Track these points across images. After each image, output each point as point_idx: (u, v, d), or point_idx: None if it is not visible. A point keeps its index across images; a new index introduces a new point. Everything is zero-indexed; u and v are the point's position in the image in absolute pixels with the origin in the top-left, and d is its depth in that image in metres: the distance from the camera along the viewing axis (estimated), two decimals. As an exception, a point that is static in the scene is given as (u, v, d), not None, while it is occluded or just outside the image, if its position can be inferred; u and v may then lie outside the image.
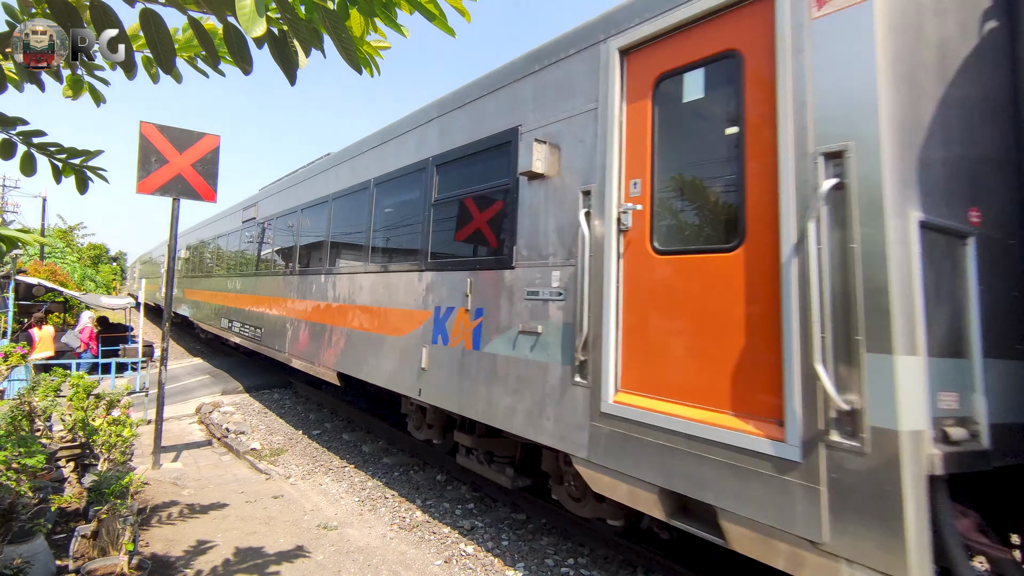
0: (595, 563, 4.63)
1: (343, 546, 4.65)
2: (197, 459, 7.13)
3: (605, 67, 3.75)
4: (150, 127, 6.53)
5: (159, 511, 5.17)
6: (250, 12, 1.33)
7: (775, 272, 2.72)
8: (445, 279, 5.19)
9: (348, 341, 6.78)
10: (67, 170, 2.41)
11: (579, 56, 4.00)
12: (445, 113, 5.55)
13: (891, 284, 2.29)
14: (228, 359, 15.12)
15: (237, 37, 1.37)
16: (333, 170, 7.98)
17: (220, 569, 4.07)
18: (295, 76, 1.48)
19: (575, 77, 4.02)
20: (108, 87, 2.26)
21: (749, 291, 2.86)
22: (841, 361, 2.42)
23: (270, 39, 1.42)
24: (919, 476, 2.24)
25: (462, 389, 4.80)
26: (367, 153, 7.05)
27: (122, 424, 5.46)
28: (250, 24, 1.33)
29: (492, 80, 4.94)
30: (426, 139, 5.78)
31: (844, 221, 2.46)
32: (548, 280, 4.03)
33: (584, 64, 3.94)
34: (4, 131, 2.21)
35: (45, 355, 11.64)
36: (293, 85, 1.55)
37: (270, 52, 1.44)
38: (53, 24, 1.64)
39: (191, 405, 10.43)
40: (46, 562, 3.68)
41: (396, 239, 6.33)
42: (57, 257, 34.59)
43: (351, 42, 1.45)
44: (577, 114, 3.97)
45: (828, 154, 2.53)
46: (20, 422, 5.21)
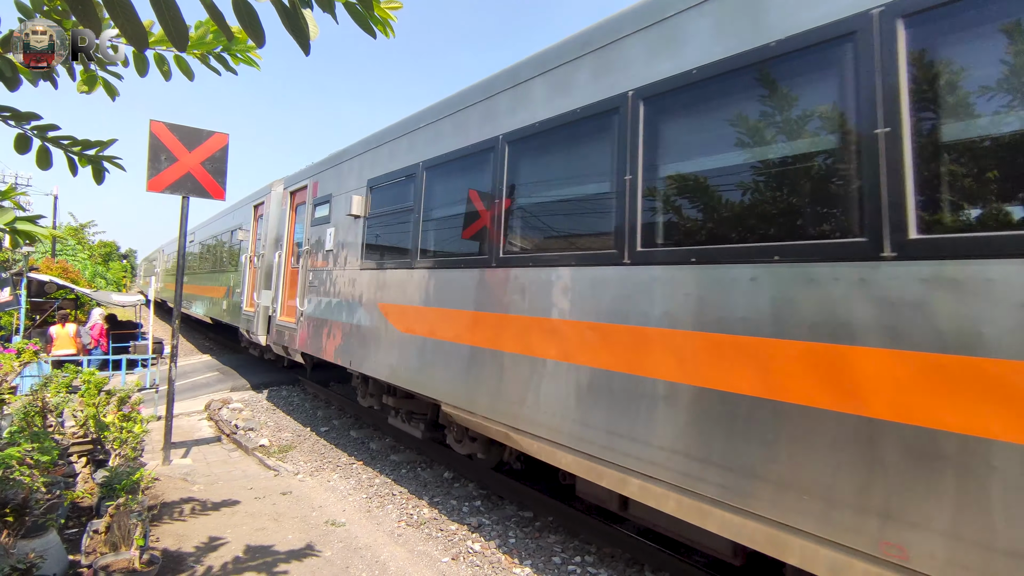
0: (602, 560, 4.62)
1: (351, 543, 4.66)
2: (207, 455, 7.17)
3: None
4: (160, 125, 6.57)
5: (170, 507, 5.21)
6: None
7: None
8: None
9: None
10: (83, 161, 2.43)
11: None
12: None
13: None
14: (237, 356, 15.21)
15: (247, 8, 1.35)
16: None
17: (230, 565, 4.10)
18: (308, 46, 1.47)
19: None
20: (121, 81, 2.27)
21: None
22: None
23: (280, 9, 1.41)
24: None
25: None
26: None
27: (133, 420, 5.51)
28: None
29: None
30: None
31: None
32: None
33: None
34: (19, 126, 2.22)
35: (66, 352, 11.79)
36: (307, 55, 1.53)
37: (282, 23, 1.43)
38: (53, 24, 1.65)
39: (200, 401, 10.50)
40: (59, 557, 3.72)
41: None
42: (69, 254, 34.94)
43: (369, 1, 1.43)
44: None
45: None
46: (33, 418, 5.27)
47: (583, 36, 4.06)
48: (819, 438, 2.51)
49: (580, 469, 3.64)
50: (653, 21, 3.50)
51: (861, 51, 2.51)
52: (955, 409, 2.15)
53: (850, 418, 2.42)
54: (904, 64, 2.38)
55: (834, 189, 2.61)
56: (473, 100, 5.11)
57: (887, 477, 2.30)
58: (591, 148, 3.92)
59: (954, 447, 2.14)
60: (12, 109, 2.22)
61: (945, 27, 2.33)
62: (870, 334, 2.38)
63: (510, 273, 4.38)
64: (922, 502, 2.21)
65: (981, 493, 2.08)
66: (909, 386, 2.27)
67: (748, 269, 2.84)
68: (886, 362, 2.33)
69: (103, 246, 48.05)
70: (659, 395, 3.20)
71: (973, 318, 2.12)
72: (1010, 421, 2.02)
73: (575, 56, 4.07)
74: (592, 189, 3.90)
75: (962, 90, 2.29)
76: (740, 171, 3.02)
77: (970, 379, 2.12)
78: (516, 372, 4.21)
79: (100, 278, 36.05)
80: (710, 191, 3.16)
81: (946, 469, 2.16)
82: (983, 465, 2.08)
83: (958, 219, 2.26)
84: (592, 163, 3.91)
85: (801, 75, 2.78)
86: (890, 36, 2.42)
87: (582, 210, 4.00)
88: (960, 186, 2.27)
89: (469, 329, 4.74)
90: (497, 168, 4.64)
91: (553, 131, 4.18)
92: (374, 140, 6.91)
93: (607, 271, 3.59)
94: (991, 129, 2.23)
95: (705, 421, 2.96)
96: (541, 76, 4.36)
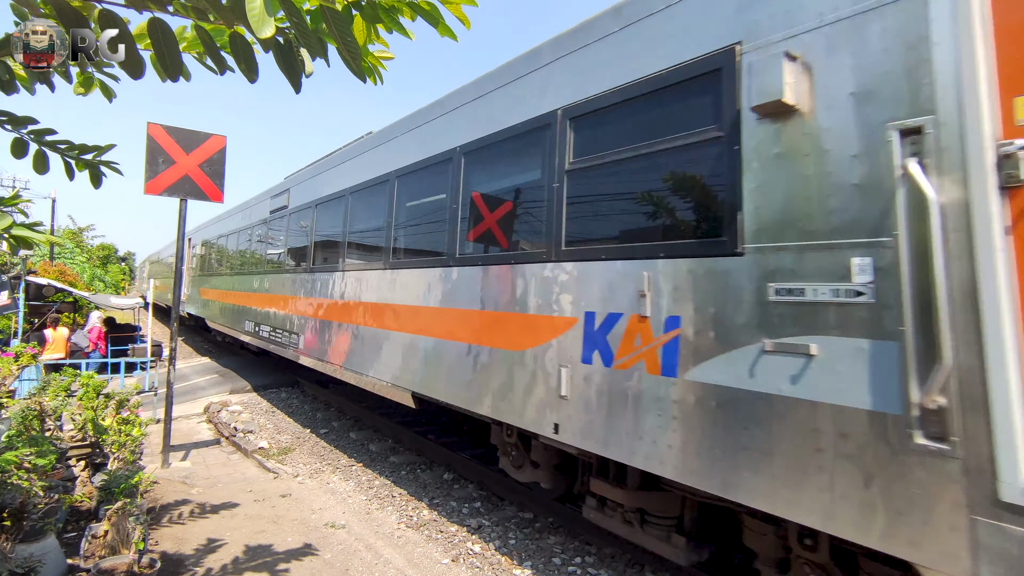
0: (602, 561, 4.62)
1: (351, 544, 4.66)
2: (206, 458, 7.16)
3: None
4: (157, 128, 6.56)
5: (169, 510, 5.20)
6: (259, 13, 1.33)
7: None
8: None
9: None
10: (80, 165, 2.43)
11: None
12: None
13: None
14: (236, 359, 15.19)
15: (243, 44, 1.37)
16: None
17: (229, 567, 4.09)
18: (300, 84, 1.48)
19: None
20: (118, 83, 2.27)
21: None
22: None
23: (275, 47, 1.43)
24: None
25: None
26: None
27: (131, 423, 5.50)
28: (259, 25, 1.33)
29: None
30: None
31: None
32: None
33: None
34: (16, 130, 2.22)
35: (55, 356, 11.73)
36: (298, 93, 1.54)
37: (275, 60, 1.44)
38: (53, 24, 1.64)
39: (199, 404, 10.48)
40: (57, 561, 3.71)
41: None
42: (67, 258, 34.88)
43: (358, 49, 1.45)
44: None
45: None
46: (31, 422, 5.26)
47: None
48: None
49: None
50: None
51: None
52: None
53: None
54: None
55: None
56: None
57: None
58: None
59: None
60: (9, 113, 2.22)
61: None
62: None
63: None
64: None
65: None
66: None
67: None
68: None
69: (102, 249, 48.02)
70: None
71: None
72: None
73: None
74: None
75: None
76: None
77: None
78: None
79: (99, 281, 36.00)
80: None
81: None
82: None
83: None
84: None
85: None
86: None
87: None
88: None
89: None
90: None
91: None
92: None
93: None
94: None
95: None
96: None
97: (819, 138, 2.67)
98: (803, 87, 2.73)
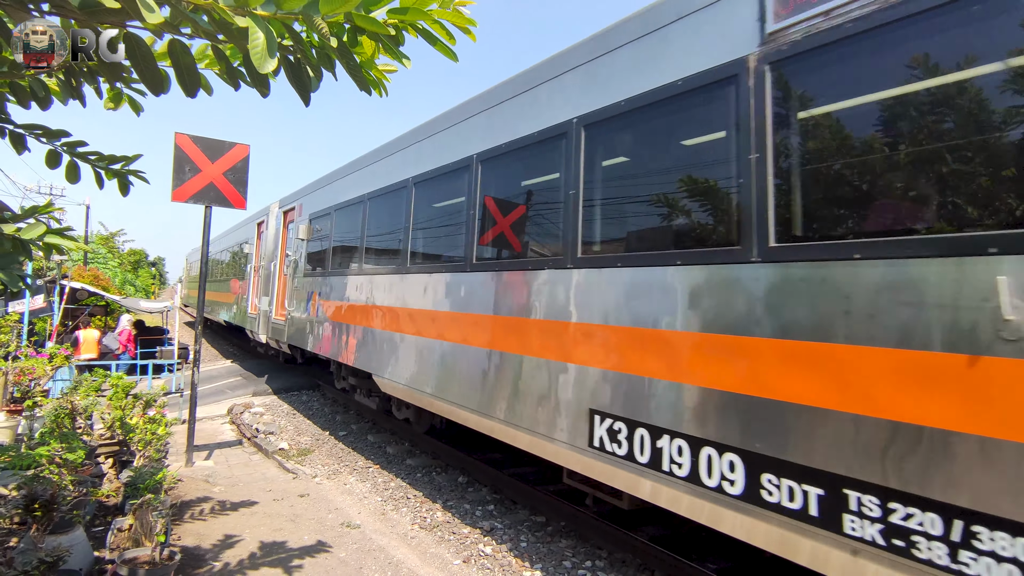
0: (613, 566, 4.63)
1: (365, 544, 4.75)
2: (228, 458, 7.35)
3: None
4: (184, 138, 6.81)
5: (191, 506, 5.36)
6: (262, 51, 1.42)
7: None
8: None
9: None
10: (109, 175, 2.57)
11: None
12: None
13: None
14: (258, 362, 15.52)
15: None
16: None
17: (247, 562, 4.21)
18: (309, 98, 1.57)
19: None
20: (144, 97, 2.40)
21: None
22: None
23: (286, 64, 1.52)
24: None
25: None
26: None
27: (157, 423, 5.70)
28: (262, 62, 1.42)
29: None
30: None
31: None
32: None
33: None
34: (51, 143, 2.37)
35: (88, 357, 12.15)
36: (307, 106, 1.64)
37: (286, 76, 1.53)
38: (53, 24, 1.67)
39: (223, 406, 10.74)
40: (84, 552, 3.87)
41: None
42: (99, 262, 36.00)
43: (358, 68, 1.54)
44: None
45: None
46: (63, 420, 5.49)
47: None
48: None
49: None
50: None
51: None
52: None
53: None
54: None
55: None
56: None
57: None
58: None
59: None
60: (44, 127, 2.37)
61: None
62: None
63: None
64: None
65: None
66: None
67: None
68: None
69: (132, 254, 49.41)
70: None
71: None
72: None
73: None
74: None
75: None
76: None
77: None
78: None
79: (130, 285, 37.06)
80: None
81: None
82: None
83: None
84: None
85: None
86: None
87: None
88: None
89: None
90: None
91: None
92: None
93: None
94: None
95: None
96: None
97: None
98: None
